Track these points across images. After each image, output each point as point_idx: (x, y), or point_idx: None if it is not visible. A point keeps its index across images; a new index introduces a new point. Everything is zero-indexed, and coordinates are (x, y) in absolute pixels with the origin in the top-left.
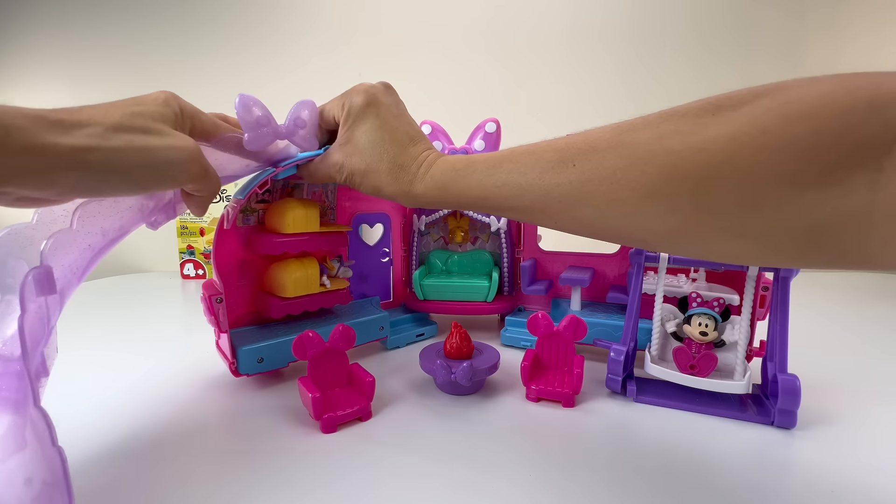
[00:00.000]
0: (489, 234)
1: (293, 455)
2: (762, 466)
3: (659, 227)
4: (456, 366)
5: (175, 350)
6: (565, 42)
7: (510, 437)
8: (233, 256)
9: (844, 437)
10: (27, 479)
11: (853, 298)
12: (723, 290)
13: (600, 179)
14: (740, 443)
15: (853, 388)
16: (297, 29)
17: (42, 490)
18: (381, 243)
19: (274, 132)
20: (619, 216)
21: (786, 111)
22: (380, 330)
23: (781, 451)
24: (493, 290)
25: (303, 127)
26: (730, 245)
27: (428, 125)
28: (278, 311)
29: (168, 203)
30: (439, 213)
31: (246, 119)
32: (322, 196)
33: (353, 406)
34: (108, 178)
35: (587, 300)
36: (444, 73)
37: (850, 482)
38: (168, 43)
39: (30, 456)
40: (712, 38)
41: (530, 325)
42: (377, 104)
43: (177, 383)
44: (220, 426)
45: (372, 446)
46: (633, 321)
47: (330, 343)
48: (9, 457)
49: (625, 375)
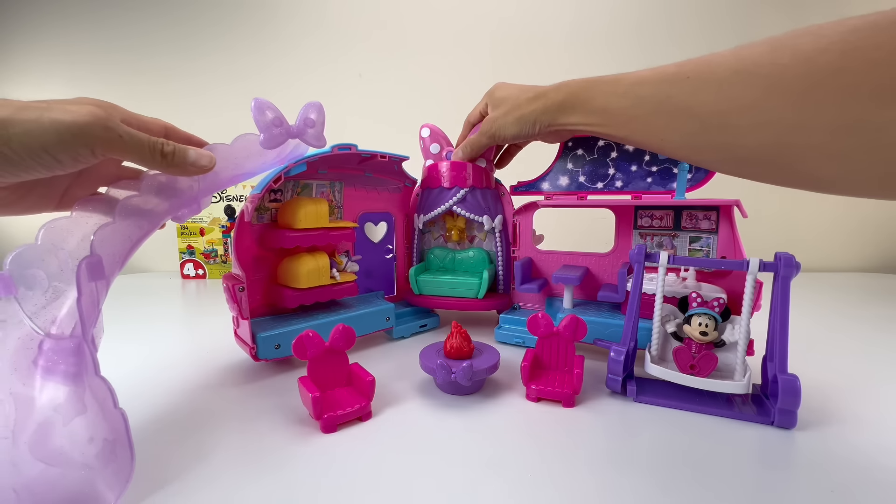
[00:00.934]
0: (486, 233)
1: (293, 454)
2: (762, 466)
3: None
4: (456, 366)
5: (175, 350)
6: (566, 42)
7: (510, 437)
8: (248, 252)
9: (844, 436)
10: (90, 438)
11: (853, 298)
12: (712, 288)
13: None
14: (740, 442)
15: (853, 388)
16: (298, 31)
17: (104, 446)
18: (385, 241)
19: (286, 132)
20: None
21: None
22: (386, 320)
23: (782, 450)
24: (483, 287)
25: (312, 126)
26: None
27: (427, 128)
28: (292, 301)
29: (192, 198)
30: (436, 212)
31: (261, 120)
32: (329, 195)
33: (353, 406)
34: (24, 148)
35: (580, 299)
36: (445, 75)
37: (851, 482)
38: (168, 44)
39: (91, 418)
40: (716, 36)
41: (530, 325)
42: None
43: (176, 383)
44: (219, 425)
45: (371, 446)
46: (633, 321)
47: (330, 343)
48: (70, 420)
49: (625, 375)
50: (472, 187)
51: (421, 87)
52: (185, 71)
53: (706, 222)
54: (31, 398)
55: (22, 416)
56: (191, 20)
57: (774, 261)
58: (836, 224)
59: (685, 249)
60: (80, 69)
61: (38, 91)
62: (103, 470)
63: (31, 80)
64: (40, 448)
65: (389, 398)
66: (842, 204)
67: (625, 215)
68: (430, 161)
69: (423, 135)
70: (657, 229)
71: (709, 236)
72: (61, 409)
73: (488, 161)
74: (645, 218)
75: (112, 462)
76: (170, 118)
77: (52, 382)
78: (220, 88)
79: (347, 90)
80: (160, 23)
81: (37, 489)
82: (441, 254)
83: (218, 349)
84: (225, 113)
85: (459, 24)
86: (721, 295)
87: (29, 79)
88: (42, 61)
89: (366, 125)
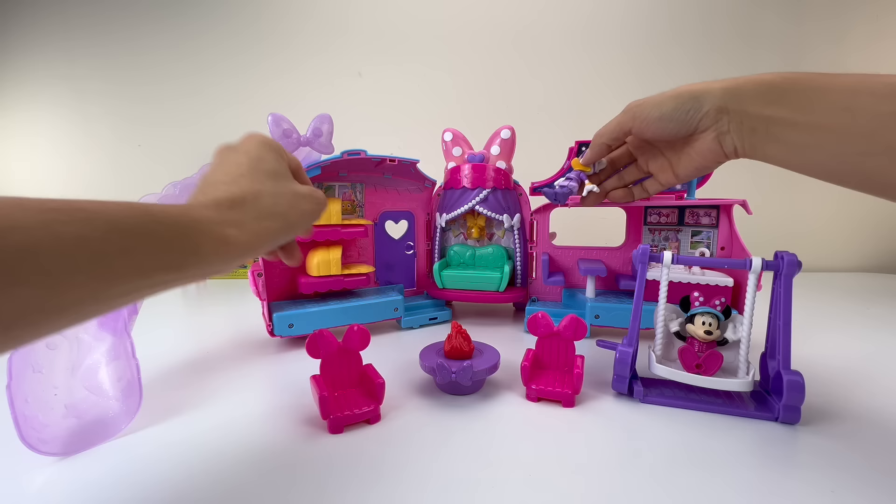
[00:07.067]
0: (504, 231)
1: (295, 453)
2: (766, 463)
3: None
4: (456, 366)
5: (175, 350)
6: (568, 42)
7: (510, 437)
8: None
9: (847, 432)
10: (119, 378)
11: (854, 298)
12: (716, 274)
13: None
14: (747, 439)
15: (853, 387)
16: (295, 27)
17: (126, 386)
18: (406, 237)
19: (297, 140)
20: None
21: None
22: (394, 311)
23: (785, 447)
24: (504, 280)
25: (320, 136)
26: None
27: (449, 132)
28: (305, 288)
29: None
30: (460, 211)
31: (276, 132)
32: (351, 196)
33: (362, 408)
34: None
35: (599, 289)
36: (446, 73)
37: (851, 480)
38: (168, 43)
39: (122, 364)
40: (719, 40)
41: (530, 325)
42: None
43: (188, 375)
44: (226, 421)
45: (371, 445)
46: (637, 322)
47: (343, 342)
48: (110, 363)
49: (630, 375)
50: (493, 188)
51: (422, 84)
52: (185, 69)
53: (706, 218)
54: (88, 343)
55: (81, 355)
56: (191, 21)
57: (776, 259)
58: (837, 224)
59: (688, 242)
60: (81, 69)
61: (38, 91)
62: (123, 403)
63: (32, 80)
64: (88, 380)
65: (389, 397)
66: (843, 204)
67: (635, 214)
68: (452, 164)
69: (445, 139)
70: (664, 225)
71: (709, 230)
72: (106, 354)
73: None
74: (653, 216)
75: (129, 397)
76: (171, 118)
77: (103, 333)
78: (220, 88)
79: (348, 89)
80: (159, 22)
81: (79, 408)
82: (461, 250)
83: (218, 349)
84: (228, 110)
85: (461, 19)
86: (727, 280)
87: (29, 79)
88: (42, 61)
89: (367, 126)
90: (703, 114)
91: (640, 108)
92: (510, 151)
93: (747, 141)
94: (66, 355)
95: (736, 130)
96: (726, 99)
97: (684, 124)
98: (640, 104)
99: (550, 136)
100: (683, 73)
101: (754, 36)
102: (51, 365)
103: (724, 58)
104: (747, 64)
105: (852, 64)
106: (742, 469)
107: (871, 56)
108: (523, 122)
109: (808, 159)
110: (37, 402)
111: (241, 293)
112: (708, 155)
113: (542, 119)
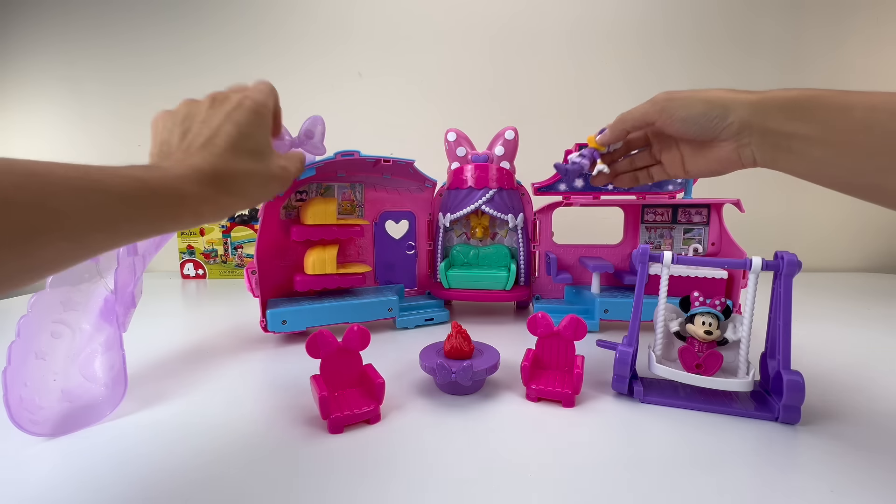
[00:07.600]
0: (507, 230)
1: (295, 453)
2: (766, 463)
3: None
4: (456, 366)
5: (176, 349)
6: (567, 42)
7: (510, 438)
8: (276, 243)
9: (847, 432)
10: (111, 367)
11: (854, 298)
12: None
13: None
14: (747, 439)
15: (853, 387)
16: (297, 29)
17: (116, 374)
18: (407, 237)
19: (290, 142)
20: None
21: None
22: (388, 311)
23: (785, 447)
24: (510, 279)
25: (311, 137)
26: None
27: (453, 132)
28: (300, 285)
29: None
30: (465, 211)
31: None
32: (351, 196)
33: (362, 408)
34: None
35: (603, 285)
36: (445, 74)
37: (851, 480)
38: (168, 44)
39: (115, 354)
40: (714, 45)
41: (530, 325)
42: None
43: (177, 378)
44: (225, 420)
45: (371, 445)
46: (637, 322)
47: (344, 342)
48: (106, 351)
49: (630, 375)
50: (498, 188)
51: (421, 84)
52: (184, 70)
53: (698, 216)
54: (90, 333)
55: (81, 344)
56: (193, 24)
57: (776, 259)
58: (837, 224)
59: (680, 239)
60: (80, 70)
61: (38, 91)
62: (111, 390)
63: (32, 80)
64: (85, 367)
65: (389, 397)
66: (843, 205)
67: (633, 212)
68: (455, 164)
69: (448, 139)
70: (659, 223)
71: (701, 228)
72: (103, 344)
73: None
74: (650, 214)
75: (117, 385)
76: None
77: (104, 323)
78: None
79: (349, 91)
80: (159, 22)
81: (73, 393)
82: (464, 250)
83: (219, 347)
84: None
85: (460, 23)
86: (722, 272)
87: (29, 79)
88: (42, 61)
89: (367, 127)
90: (728, 124)
91: (668, 103)
92: (513, 152)
93: (768, 155)
94: (68, 343)
95: (757, 144)
96: (751, 113)
97: (707, 130)
98: (669, 98)
99: (550, 136)
100: (683, 73)
101: (750, 38)
102: (54, 353)
103: (725, 58)
104: (747, 64)
105: (851, 70)
106: (742, 469)
107: (871, 62)
108: (524, 123)
109: (827, 174)
110: (35, 386)
111: (240, 293)
112: (724, 162)
113: (542, 119)
